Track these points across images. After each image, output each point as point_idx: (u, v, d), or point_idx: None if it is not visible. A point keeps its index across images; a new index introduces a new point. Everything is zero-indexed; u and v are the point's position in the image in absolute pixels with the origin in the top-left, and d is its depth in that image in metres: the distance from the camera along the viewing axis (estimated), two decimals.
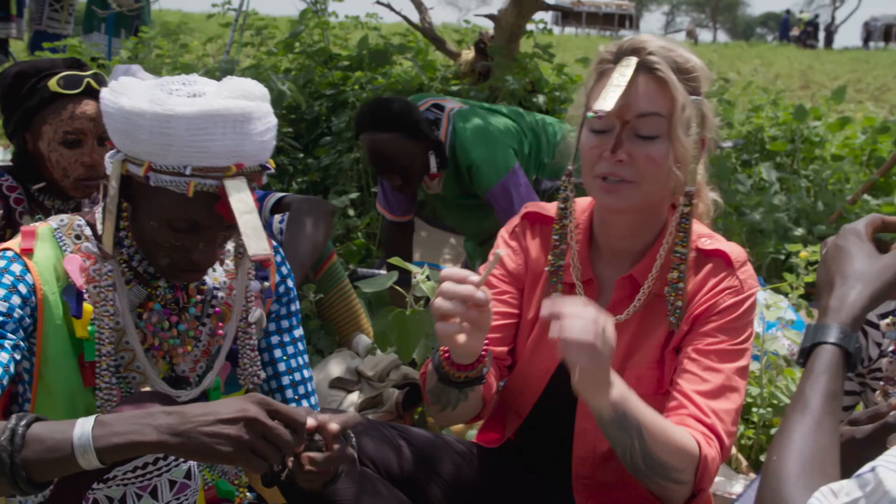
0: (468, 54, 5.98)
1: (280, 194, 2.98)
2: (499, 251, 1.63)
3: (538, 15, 5.99)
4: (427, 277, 2.58)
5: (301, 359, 1.95)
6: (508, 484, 2.04)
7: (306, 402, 1.93)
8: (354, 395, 2.92)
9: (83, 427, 1.35)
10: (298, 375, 1.94)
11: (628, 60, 1.77)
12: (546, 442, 2.01)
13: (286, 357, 1.93)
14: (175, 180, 1.57)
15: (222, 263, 1.86)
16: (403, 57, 6.09)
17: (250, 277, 1.84)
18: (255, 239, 1.54)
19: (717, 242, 1.87)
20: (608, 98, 1.72)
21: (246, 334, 1.84)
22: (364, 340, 3.25)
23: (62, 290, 1.68)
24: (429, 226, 4.67)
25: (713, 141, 1.88)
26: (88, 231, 1.74)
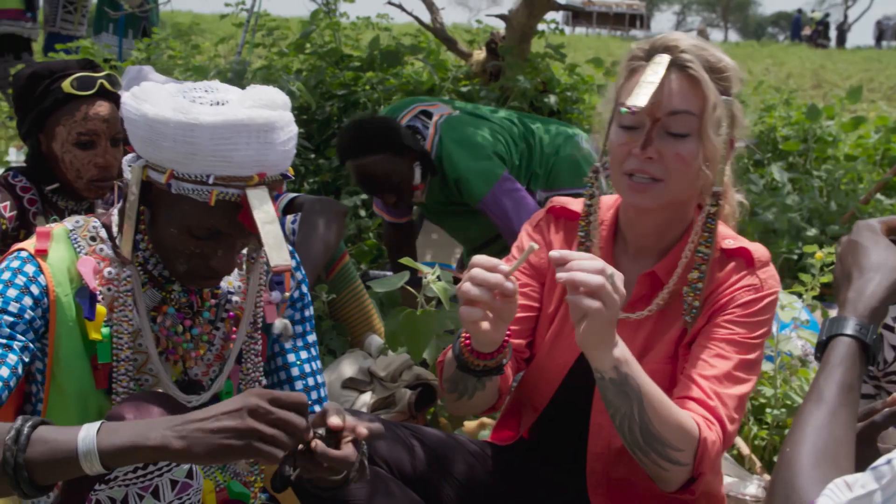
0: (479, 54, 5.98)
1: (292, 195, 2.98)
2: (532, 244, 1.62)
3: (549, 15, 5.98)
4: (438, 278, 2.57)
5: (314, 364, 1.95)
6: (522, 483, 2.04)
7: (318, 408, 1.93)
8: (367, 396, 2.92)
9: (88, 431, 1.35)
10: (311, 381, 1.94)
11: (661, 58, 1.76)
12: (561, 437, 2.01)
13: (299, 362, 1.93)
14: (197, 189, 1.56)
15: (239, 268, 1.86)
16: (415, 57, 6.09)
17: (262, 283, 1.84)
18: (277, 250, 1.54)
19: (741, 242, 1.88)
20: (641, 94, 1.72)
21: (251, 339, 1.84)
22: (376, 341, 3.25)
23: (75, 292, 1.68)
24: (440, 227, 4.67)
25: (741, 139, 1.88)
26: (104, 233, 1.74)
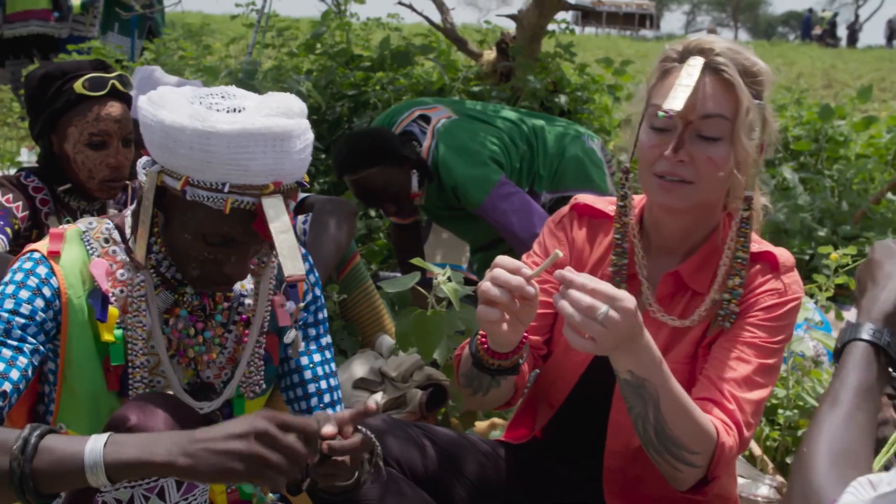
0: (490, 55, 5.97)
1: (303, 195, 2.98)
2: (557, 251, 1.62)
3: (560, 15, 5.97)
4: (448, 279, 2.57)
5: (328, 367, 1.95)
6: (534, 482, 2.04)
7: (331, 412, 1.91)
8: (378, 396, 2.92)
9: (95, 443, 1.34)
10: (325, 384, 1.93)
11: (695, 60, 1.76)
12: (578, 435, 2.01)
13: (312, 365, 1.92)
14: (212, 196, 1.56)
15: (252, 273, 1.86)
16: (425, 58, 6.09)
17: (272, 287, 1.84)
18: (292, 259, 1.54)
19: (766, 246, 1.88)
20: (677, 97, 1.71)
21: (258, 343, 1.84)
22: (387, 341, 3.25)
23: (88, 294, 1.68)
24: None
25: (773, 145, 1.88)
26: (117, 235, 1.74)
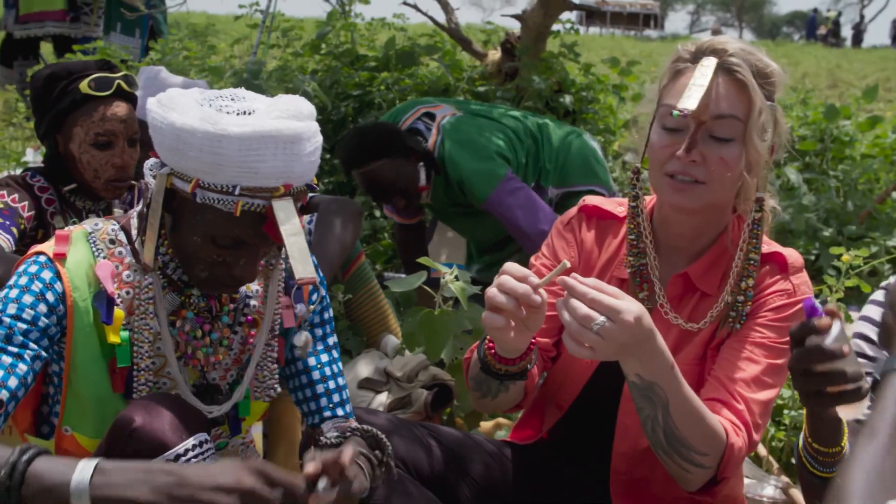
0: (495, 55, 5.97)
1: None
2: (565, 262, 1.61)
3: (564, 15, 5.96)
4: (456, 278, 2.57)
5: (336, 366, 1.95)
6: (540, 482, 2.04)
7: (341, 411, 1.93)
8: (383, 396, 2.92)
9: (83, 473, 1.32)
10: (333, 384, 1.93)
11: (708, 60, 1.75)
12: (585, 436, 2.01)
13: (320, 365, 1.92)
14: (223, 199, 1.56)
15: (259, 274, 1.85)
16: (430, 58, 6.08)
17: (280, 289, 1.83)
18: (302, 262, 1.54)
19: (775, 247, 1.88)
20: (691, 97, 1.71)
21: (269, 346, 1.84)
22: (392, 341, 3.25)
23: (93, 296, 1.67)
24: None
25: (783, 147, 1.87)
26: (122, 236, 1.73)
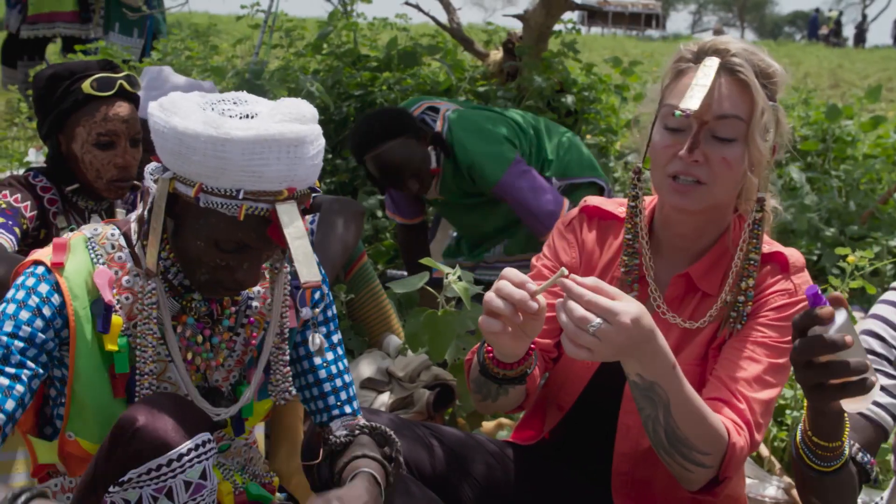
0: (497, 55, 5.97)
1: None
2: (563, 269, 1.60)
3: (566, 15, 5.96)
4: (459, 278, 2.57)
5: (341, 363, 1.94)
6: (542, 483, 2.04)
7: (348, 408, 1.93)
8: (385, 396, 2.93)
9: None
10: (339, 381, 1.93)
11: (710, 61, 1.75)
12: (586, 437, 2.01)
13: (326, 364, 1.92)
14: (226, 203, 1.55)
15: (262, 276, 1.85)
16: (432, 58, 6.08)
17: (286, 292, 1.83)
18: (307, 266, 1.54)
19: (776, 247, 1.88)
20: (694, 97, 1.71)
21: (279, 350, 1.83)
22: (394, 341, 3.25)
23: (92, 304, 1.66)
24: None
25: (784, 147, 1.87)
26: (122, 241, 1.72)
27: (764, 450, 2.83)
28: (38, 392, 1.76)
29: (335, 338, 1.95)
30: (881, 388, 1.80)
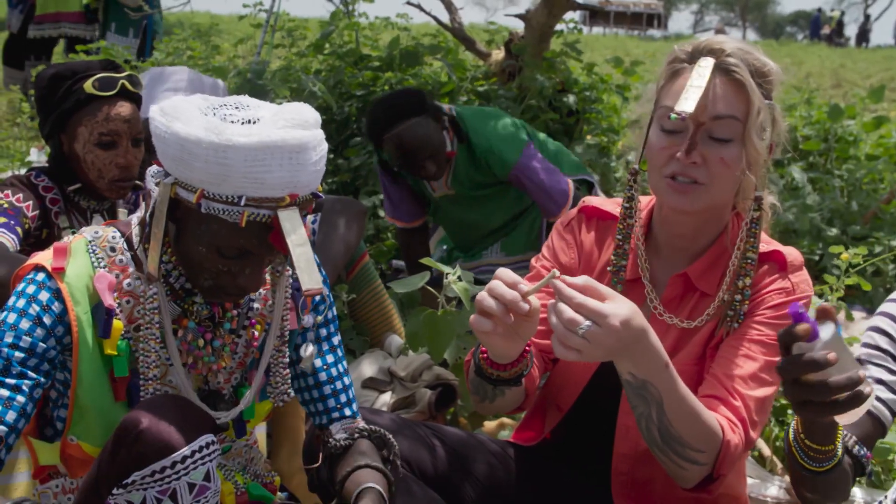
0: (498, 54, 5.97)
1: None
2: (554, 270, 1.59)
3: (568, 14, 5.96)
4: (459, 278, 2.57)
5: (341, 366, 1.94)
6: (544, 483, 2.04)
7: (348, 410, 1.93)
8: (387, 396, 2.93)
9: None
10: (339, 384, 1.93)
11: (705, 61, 1.75)
12: (586, 438, 2.01)
13: (326, 366, 1.92)
14: (228, 209, 1.54)
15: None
16: (434, 57, 6.09)
17: (287, 296, 1.83)
18: (309, 273, 1.53)
19: (774, 245, 1.87)
20: (689, 99, 1.70)
21: (279, 352, 1.83)
22: (396, 341, 3.25)
23: (92, 309, 1.66)
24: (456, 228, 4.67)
25: (782, 145, 1.87)
26: (123, 244, 1.72)
27: (766, 449, 2.83)
28: (43, 391, 1.75)
29: (335, 339, 1.95)
30: (881, 383, 1.80)
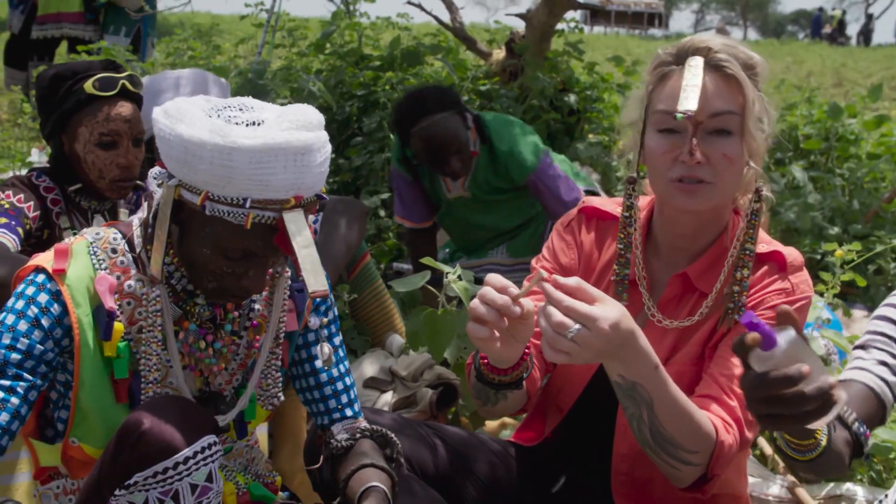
0: (499, 54, 5.97)
1: None
2: (541, 271, 1.59)
3: (569, 14, 5.97)
4: (459, 277, 2.57)
5: (342, 366, 1.94)
6: (544, 482, 2.04)
7: (350, 411, 1.92)
8: (388, 395, 2.92)
9: None
10: (340, 384, 1.92)
11: (695, 60, 1.75)
12: (586, 438, 2.00)
13: (327, 367, 1.92)
14: (233, 211, 1.54)
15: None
16: (435, 57, 6.09)
17: (286, 296, 1.83)
18: (314, 275, 1.53)
19: (774, 246, 1.86)
20: (689, 98, 1.70)
21: (273, 354, 1.82)
22: (397, 340, 3.25)
23: (94, 311, 1.66)
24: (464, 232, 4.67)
25: (772, 135, 1.87)
26: (125, 245, 1.71)
27: (767, 448, 2.82)
28: (39, 396, 1.75)
29: (336, 340, 1.94)
30: (884, 365, 1.77)
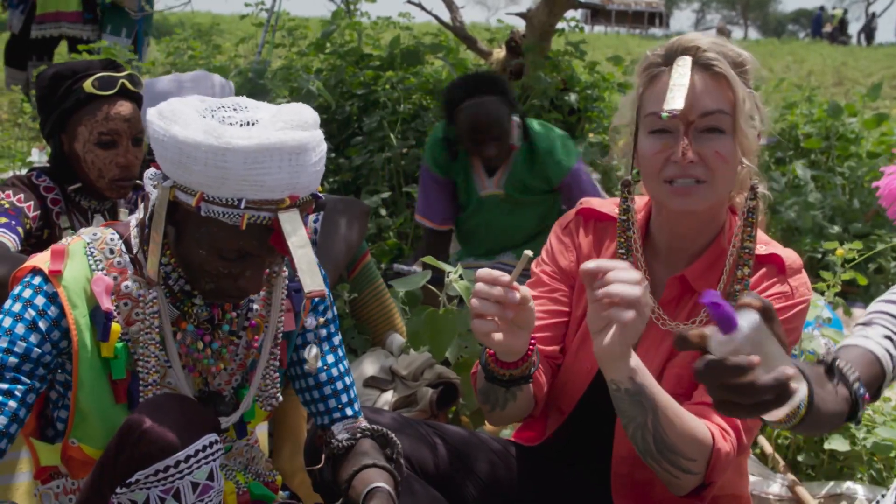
0: (500, 53, 5.97)
1: None
2: (526, 251, 1.59)
3: (569, 13, 5.97)
4: (460, 276, 2.57)
5: (342, 365, 1.93)
6: (545, 482, 2.03)
7: (350, 410, 1.92)
8: (388, 395, 2.92)
9: None
10: (340, 384, 1.92)
11: (683, 60, 1.75)
12: (587, 439, 2.00)
13: (327, 366, 1.91)
14: (228, 212, 1.54)
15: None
16: (435, 56, 6.09)
17: (284, 296, 1.83)
18: (311, 275, 1.53)
19: (773, 248, 1.85)
20: (676, 97, 1.70)
21: (272, 355, 1.82)
22: (398, 339, 3.25)
23: (91, 312, 1.65)
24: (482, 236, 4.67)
25: (766, 132, 1.87)
26: (122, 245, 1.71)
27: (768, 447, 2.83)
28: (38, 397, 1.75)
29: (336, 339, 1.94)
30: (888, 339, 1.75)
